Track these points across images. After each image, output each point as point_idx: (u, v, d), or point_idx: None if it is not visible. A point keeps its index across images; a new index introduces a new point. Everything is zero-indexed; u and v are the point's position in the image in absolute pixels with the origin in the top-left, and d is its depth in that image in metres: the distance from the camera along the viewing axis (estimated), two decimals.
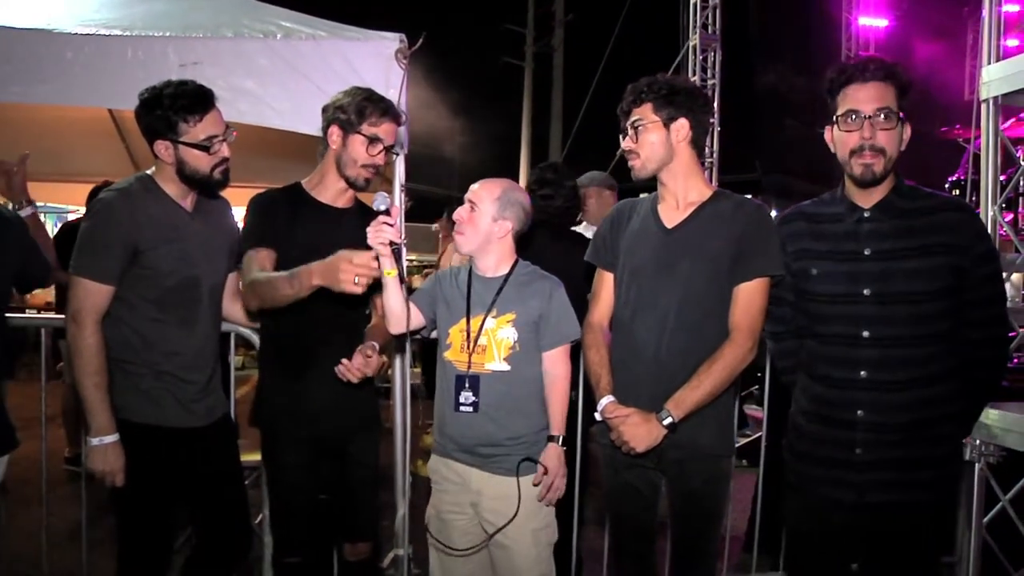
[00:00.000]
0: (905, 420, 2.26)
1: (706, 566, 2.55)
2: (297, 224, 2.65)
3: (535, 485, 2.50)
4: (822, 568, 2.44)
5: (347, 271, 2.27)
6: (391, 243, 2.41)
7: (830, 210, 2.39)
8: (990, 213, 3.34)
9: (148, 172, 2.60)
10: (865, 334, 2.29)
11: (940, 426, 2.30)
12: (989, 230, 3.33)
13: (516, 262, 2.60)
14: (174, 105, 2.44)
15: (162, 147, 2.49)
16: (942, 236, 2.22)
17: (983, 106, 3.33)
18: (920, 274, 2.23)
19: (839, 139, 2.30)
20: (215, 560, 2.75)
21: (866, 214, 2.31)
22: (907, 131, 2.27)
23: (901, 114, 2.24)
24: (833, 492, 2.36)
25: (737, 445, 2.82)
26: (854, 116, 2.25)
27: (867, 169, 2.25)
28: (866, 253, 2.29)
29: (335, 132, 2.64)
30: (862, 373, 2.29)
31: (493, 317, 2.52)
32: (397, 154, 2.88)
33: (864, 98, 2.24)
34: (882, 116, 2.23)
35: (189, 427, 2.59)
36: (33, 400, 5.83)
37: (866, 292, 2.28)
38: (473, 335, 2.52)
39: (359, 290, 2.30)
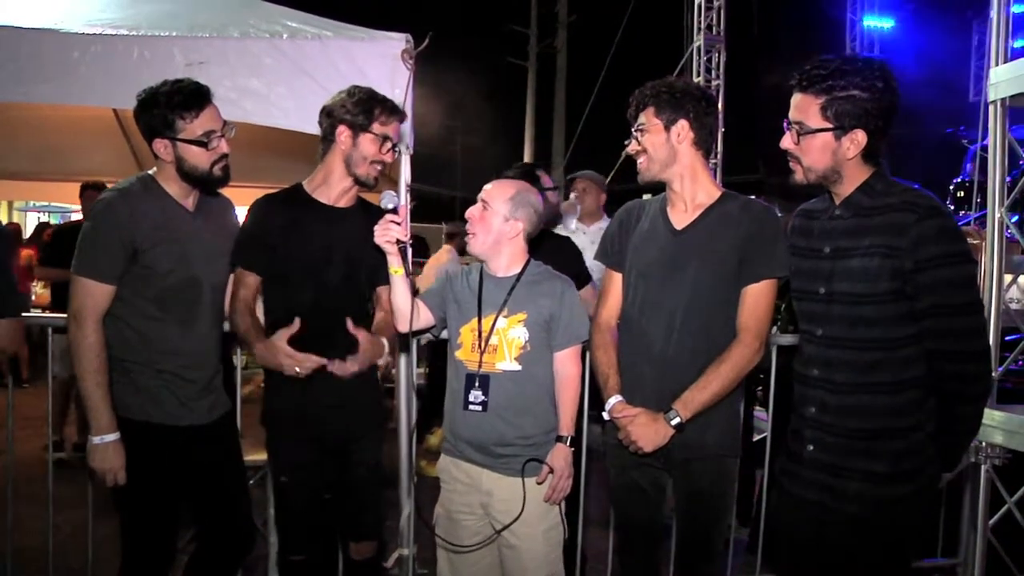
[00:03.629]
0: (852, 426, 2.22)
1: (711, 566, 2.56)
2: (297, 225, 2.65)
3: (539, 484, 2.50)
4: (794, 562, 2.44)
5: (286, 365, 2.60)
6: (398, 241, 2.42)
7: (820, 207, 2.39)
8: (997, 215, 3.32)
9: (150, 172, 2.60)
10: (818, 332, 2.30)
11: (883, 441, 2.20)
12: (995, 232, 3.32)
13: (528, 262, 2.60)
14: (170, 103, 2.45)
15: (161, 146, 2.49)
16: (885, 237, 2.13)
17: (991, 107, 3.31)
18: (859, 275, 2.18)
19: None
20: (218, 557, 2.76)
21: (837, 211, 2.29)
22: (849, 140, 2.16)
23: (830, 124, 2.16)
24: (791, 486, 2.38)
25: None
26: (787, 120, 2.26)
27: (792, 175, 2.29)
28: (825, 251, 2.28)
29: (344, 132, 2.64)
30: (815, 371, 2.30)
31: (504, 317, 2.52)
32: (400, 152, 2.89)
33: (791, 106, 2.25)
34: (795, 130, 2.23)
35: (188, 425, 2.59)
36: (40, 399, 5.85)
37: (821, 290, 2.28)
38: (484, 334, 2.52)
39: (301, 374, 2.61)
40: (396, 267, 2.47)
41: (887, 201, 2.18)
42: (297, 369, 2.58)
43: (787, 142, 2.26)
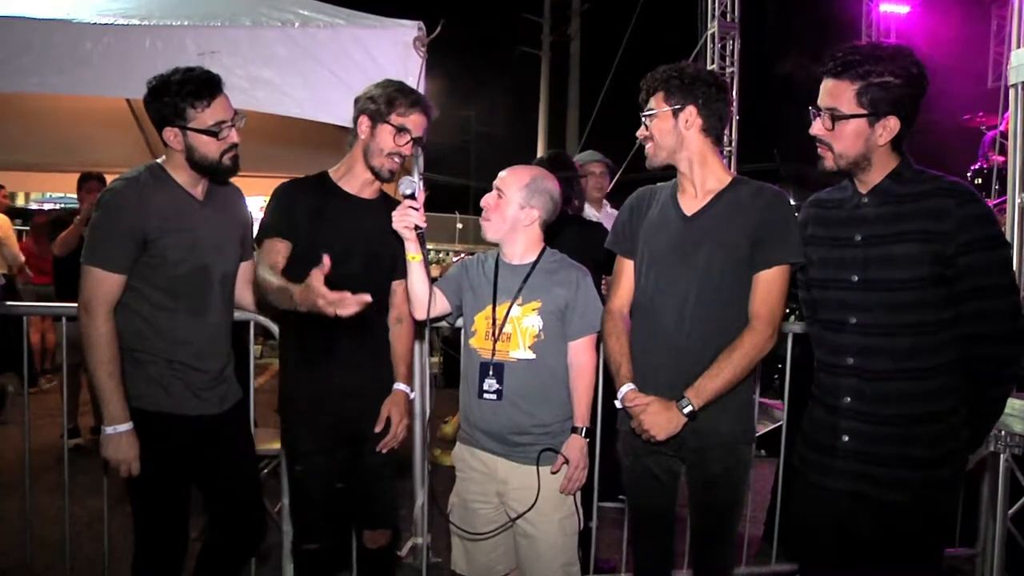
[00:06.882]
0: (890, 413, 2.21)
1: (725, 554, 2.55)
2: (322, 213, 2.65)
3: (554, 473, 2.50)
4: (817, 554, 2.42)
5: (322, 306, 2.28)
6: (416, 227, 2.40)
7: (838, 196, 2.37)
8: (1018, 200, 3.28)
9: (159, 161, 2.59)
10: (852, 320, 2.27)
11: (924, 425, 2.20)
12: (1015, 216, 3.28)
13: (543, 250, 2.59)
14: (181, 91, 2.44)
15: (171, 134, 2.49)
16: (924, 222, 2.14)
17: (1011, 90, 3.27)
18: (899, 261, 2.17)
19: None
20: (230, 546, 2.78)
21: (864, 199, 2.27)
22: (882, 127, 2.16)
23: (864, 110, 2.15)
24: (822, 478, 2.35)
25: (757, 435, 2.81)
26: (816, 108, 2.24)
27: (820, 161, 2.27)
28: (857, 239, 2.27)
29: (364, 121, 2.64)
30: (849, 360, 2.28)
31: (519, 305, 2.51)
32: (425, 147, 2.87)
33: (823, 92, 2.23)
34: (828, 116, 2.20)
35: (200, 415, 2.60)
36: (57, 388, 5.92)
37: (854, 278, 2.26)
38: (498, 323, 2.51)
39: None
40: (414, 253, 2.47)
41: (919, 188, 2.19)
42: (336, 311, 2.30)
43: (818, 128, 2.24)
